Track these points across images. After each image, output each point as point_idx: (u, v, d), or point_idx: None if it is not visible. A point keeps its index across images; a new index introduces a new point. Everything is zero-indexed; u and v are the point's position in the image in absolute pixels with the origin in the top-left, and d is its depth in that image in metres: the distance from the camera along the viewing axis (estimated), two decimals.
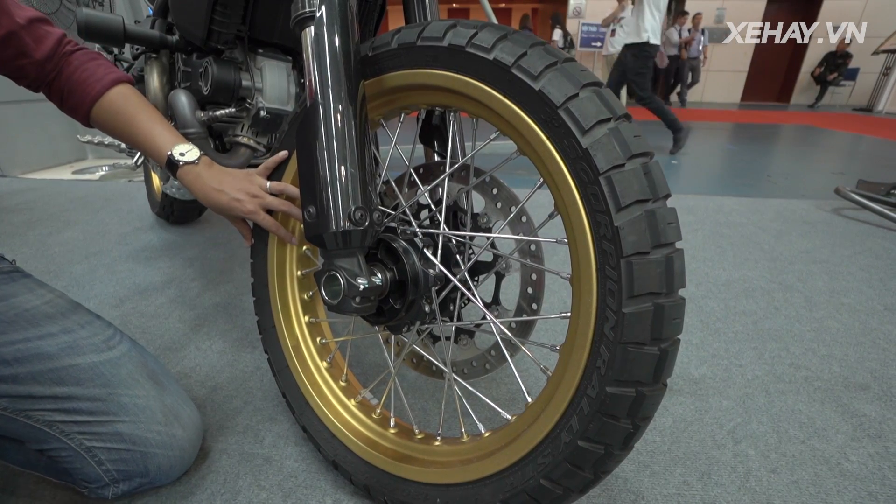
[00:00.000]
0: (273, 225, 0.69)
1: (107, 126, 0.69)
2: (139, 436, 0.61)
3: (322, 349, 0.75)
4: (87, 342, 0.61)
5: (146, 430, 0.61)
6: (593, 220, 0.43)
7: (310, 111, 0.51)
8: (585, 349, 0.44)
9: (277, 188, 0.69)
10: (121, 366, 0.63)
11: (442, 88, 0.53)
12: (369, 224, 0.50)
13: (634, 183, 0.41)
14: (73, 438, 0.59)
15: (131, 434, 0.60)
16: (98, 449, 0.59)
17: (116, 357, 0.63)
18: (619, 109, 0.43)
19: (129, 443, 0.60)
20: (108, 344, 0.64)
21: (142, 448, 0.61)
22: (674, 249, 0.41)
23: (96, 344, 0.62)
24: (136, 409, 0.61)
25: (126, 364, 0.63)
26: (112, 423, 0.60)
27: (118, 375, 0.62)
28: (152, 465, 0.62)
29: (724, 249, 1.61)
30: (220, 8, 0.78)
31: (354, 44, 0.54)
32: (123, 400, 0.61)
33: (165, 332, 1.10)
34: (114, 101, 0.67)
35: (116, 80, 0.68)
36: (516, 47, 0.46)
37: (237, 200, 0.66)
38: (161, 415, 0.63)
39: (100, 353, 0.62)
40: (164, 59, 1.01)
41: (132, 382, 0.62)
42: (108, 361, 0.62)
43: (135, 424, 0.61)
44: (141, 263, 1.50)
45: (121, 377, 0.62)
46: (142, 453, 0.61)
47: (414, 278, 0.56)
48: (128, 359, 0.64)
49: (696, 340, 1.07)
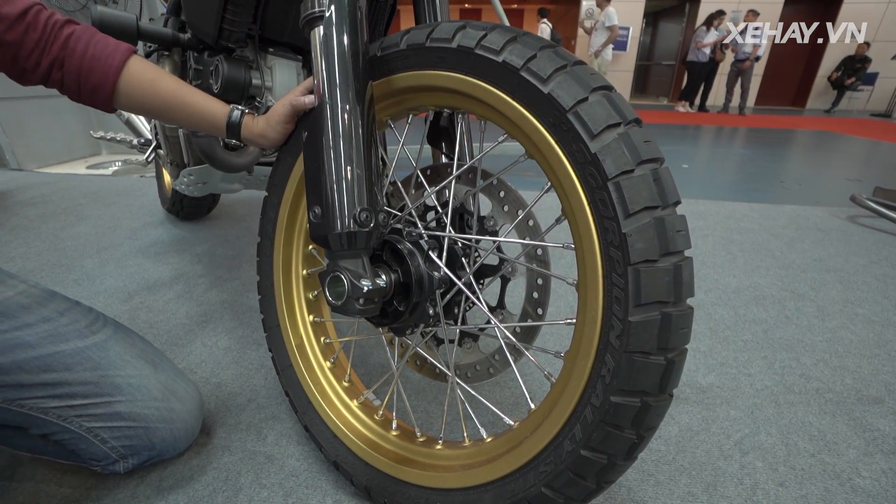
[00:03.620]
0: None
1: (135, 102, 0.63)
2: (138, 413, 0.62)
3: (326, 349, 0.75)
4: (68, 329, 0.61)
5: (144, 407, 0.62)
6: (601, 227, 0.42)
7: (317, 111, 0.50)
8: (590, 357, 0.44)
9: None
10: (108, 348, 0.63)
11: (450, 90, 0.52)
12: (374, 226, 0.49)
13: (643, 189, 0.40)
14: (72, 422, 0.59)
15: (130, 412, 0.62)
16: (99, 429, 0.61)
17: (102, 340, 0.63)
18: (629, 114, 0.43)
19: (129, 420, 0.62)
20: (92, 329, 0.64)
21: (143, 424, 0.62)
22: (682, 258, 0.40)
23: (79, 330, 0.62)
24: (131, 388, 0.62)
25: (113, 346, 0.64)
26: (109, 403, 0.61)
27: (107, 358, 0.62)
28: (156, 438, 0.64)
29: (734, 256, 1.58)
30: (232, 7, 0.78)
31: (363, 44, 0.54)
32: (117, 381, 0.61)
33: (172, 328, 1.11)
34: (136, 75, 0.61)
35: (128, 49, 0.62)
36: (526, 50, 0.46)
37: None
38: (157, 391, 0.64)
39: (84, 338, 0.62)
40: (176, 57, 1.01)
41: (122, 363, 0.63)
42: (94, 345, 0.62)
43: (132, 403, 0.62)
44: (150, 259, 1.51)
45: (110, 359, 0.62)
46: (144, 429, 0.63)
47: (418, 281, 0.55)
48: (114, 341, 0.65)
49: (704, 348, 1.05)
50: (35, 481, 0.70)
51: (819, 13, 8.78)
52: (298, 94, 0.61)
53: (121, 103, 0.63)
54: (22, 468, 0.72)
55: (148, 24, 0.91)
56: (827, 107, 9.00)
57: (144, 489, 0.69)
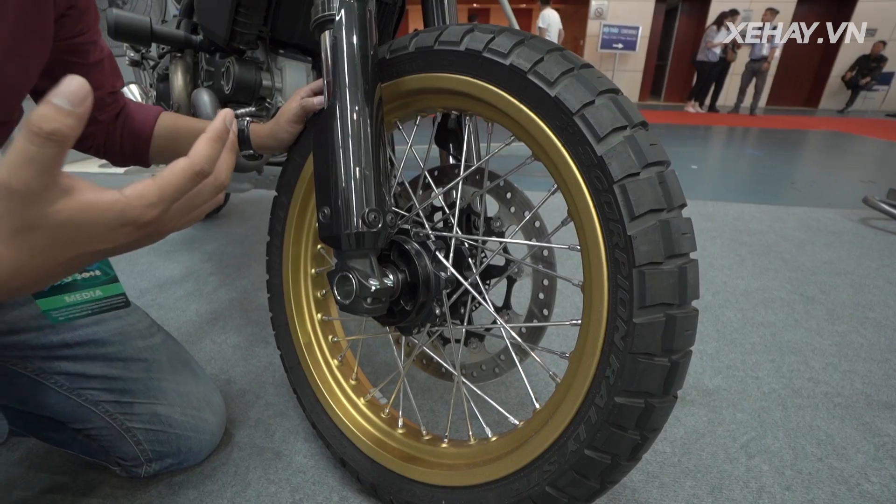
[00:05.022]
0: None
1: (166, 148, 0.72)
2: (175, 419, 0.65)
3: (333, 347, 0.76)
4: (133, 328, 0.66)
5: (181, 414, 0.65)
6: (606, 229, 0.42)
7: (326, 113, 0.51)
8: (595, 358, 0.44)
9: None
10: (160, 352, 0.67)
11: (458, 92, 0.53)
12: (382, 226, 0.50)
13: (649, 192, 0.40)
14: (116, 419, 0.63)
15: (168, 416, 0.64)
16: (137, 430, 0.64)
17: (157, 344, 0.67)
18: (635, 117, 0.43)
19: (165, 425, 0.64)
20: (150, 331, 0.68)
21: (177, 430, 0.65)
22: (688, 260, 0.41)
23: (140, 330, 0.66)
24: (175, 393, 0.65)
25: (164, 351, 0.68)
26: (151, 405, 0.64)
27: (158, 361, 0.66)
28: (184, 446, 0.66)
29: (743, 258, 1.57)
30: (243, 9, 0.80)
31: (372, 47, 0.54)
32: (163, 385, 0.65)
33: (183, 325, 1.12)
34: (165, 121, 0.71)
35: (159, 108, 0.73)
36: (533, 53, 0.46)
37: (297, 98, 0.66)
38: (195, 400, 0.67)
39: (144, 339, 0.66)
40: (189, 59, 1.03)
41: (170, 368, 0.67)
42: (149, 347, 0.66)
43: (171, 408, 0.65)
44: (161, 257, 1.53)
45: (161, 363, 0.66)
46: (176, 435, 0.65)
47: (425, 281, 0.56)
48: (165, 347, 0.68)
49: (711, 350, 1.05)
50: (51, 472, 0.72)
51: (833, 12, 8.65)
52: (305, 94, 0.63)
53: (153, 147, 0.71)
54: (39, 459, 0.74)
55: (161, 26, 0.92)
56: (840, 107, 8.87)
57: (156, 483, 0.71)
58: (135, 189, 0.30)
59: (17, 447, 0.77)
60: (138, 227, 0.31)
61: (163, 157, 0.73)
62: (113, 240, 0.30)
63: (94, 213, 0.28)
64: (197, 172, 0.31)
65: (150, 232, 0.32)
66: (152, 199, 0.30)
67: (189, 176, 0.31)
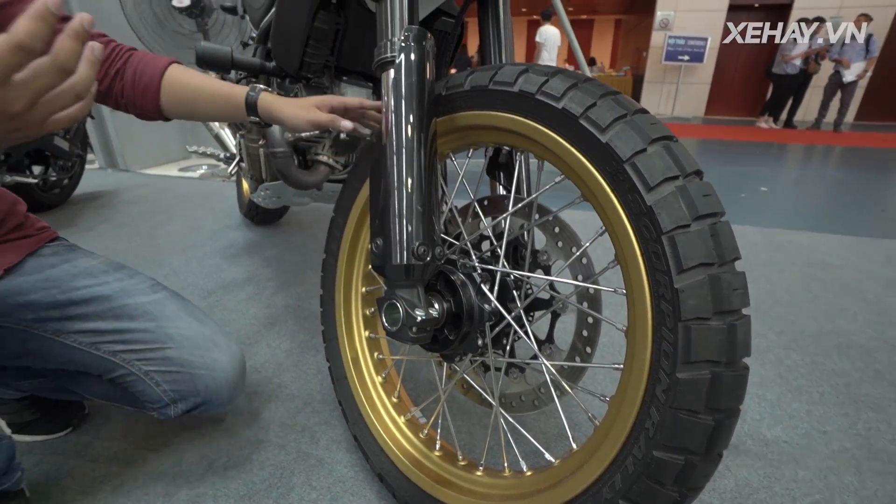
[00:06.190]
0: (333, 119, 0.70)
1: (175, 97, 0.73)
2: (185, 359, 0.71)
3: (378, 364, 0.79)
4: (135, 287, 0.75)
5: (190, 354, 0.72)
6: (653, 279, 0.42)
7: (383, 149, 0.54)
8: (635, 407, 0.43)
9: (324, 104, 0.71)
10: (165, 305, 0.75)
11: (510, 131, 0.54)
12: (431, 259, 0.52)
13: (699, 245, 0.39)
14: (134, 365, 0.71)
15: (178, 357, 0.71)
16: (154, 372, 0.71)
17: (160, 299, 0.75)
18: (688, 166, 0.42)
19: (177, 365, 0.71)
20: (153, 289, 0.77)
21: (189, 370, 0.71)
22: (738, 317, 0.39)
23: (143, 289, 0.75)
24: (181, 337, 0.72)
25: (168, 304, 0.75)
26: (162, 349, 0.71)
27: (163, 312, 0.74)
28: (200, 384, 0.72)
29: (815, 295, 1.45)
30: (313, 42, 0.86)
31: (429, 84, 0.57)
32: (169, 331, 0.72)
33: (242, 328, 1.21)
34: (175, 75, 0.73)
35: (170, 59, 0.75)
36: (586, 97, 0.47)
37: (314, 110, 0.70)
38: (202, 341, 0.74)
39: (146, 295, 0.74)
40: (262, 83, 1.12)
41: (175, 317, 0.74)
42: (153, 301, 0.74)
43: (180, 350, 0.71)
44: (227, 260, 1.66)
45: (165, 314, 0.74)
46: (189, 374, 0.71)
47: (469, 312, 0.57)
48: (169, 301, 0.76)
49: (771, 396, 0.98)
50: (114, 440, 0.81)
51: None
52: (337, 106, 0.71)
53: (164, 102, 0.73)
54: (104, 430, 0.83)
55: (240, 56, 1.01)
56: None
57: (211, 475, 0.77)
58: None
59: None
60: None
61: (180, 111, 0.75)
62: None
63: None
64: (17, 43, 0.32)
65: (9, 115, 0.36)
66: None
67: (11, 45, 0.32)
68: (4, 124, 0.37)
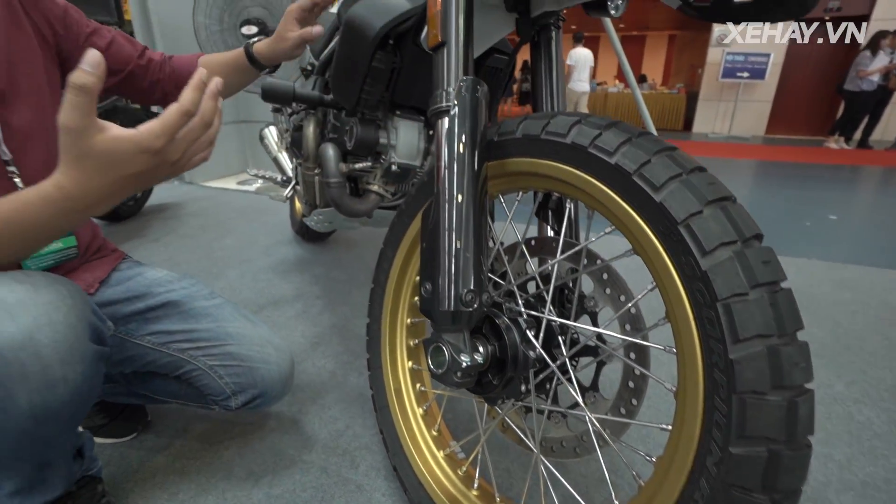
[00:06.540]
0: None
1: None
2: (244, 354, 0.80)
3: (420, 396, 0.81)
4: (198, 293, 0.85)
5: (248, 350, 0.80)
6: (706, 346, 0.41)
7: (436, 197, 0.56)
8: (683, 476, 0.42)
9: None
10: (223, 308, 0.85)
11: (562, 180, 0.55)
12: (478, 306, 0.53)
13: (757, 315, 0.38)
14: (199, 360, 0.79)
15: (238, 353, 0.80)
16: (217, 366, 0.79)
17: (219, 304, 0.86)
18: (748, 230, 0.41)
19: (238, 360, 0.79)
20: (212, 296, 0.87)
21: (248, 364, 0.79)
22: (800, 392, 0.38)
23: (204, 295, 0.86)
24: (239, 335, 0.81)
25: (225, 308, 0.85)
26: (223, 345, 0.79)
27: (222, 314, 0.83)
28: (258, 377, 0.80)
29: (893, 343, 1.33)
30: (370, 81, 0.90)
31: (482, 130, 0.59)
32: (229, 329, 0.81)
33: (290, 345, 1.26)
34: (205, 63, 0.93)
35: (199, 54, 0.95)
36: (640, 153, 0.47)
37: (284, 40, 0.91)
38: (257, 338, 0.83)
39: (207, 300, 0.85)
40: (320, 115, 1.18)
41: (232, 318, 0.84)
42: (213, 305, 0.84)
43: (239, 346, 0.80)
44: (278, 275, 1.74)
45: (224, 315, 0.83)
46: (249, 367, 0.79)
47: (514, 358, 0.58)
48: (226, 305, 0.86)
49: (839, 457, 0.90)
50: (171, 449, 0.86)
51: None
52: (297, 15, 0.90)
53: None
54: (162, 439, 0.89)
55: (301, 90, 1.08)
56: None
57: (257, 492, 0.81)
58: (145, 125, 0.44)
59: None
60: (152, 154, 0.45)
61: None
62: (137, 164, 0.45)
63: (121, 143, 0.44)
64: (185, 111, 0.46)
65: (163, 160, 0.46)
66: (156, 131, 0.45)
67: (181, 113, 0.45)
68: (164, 169, 0.48)
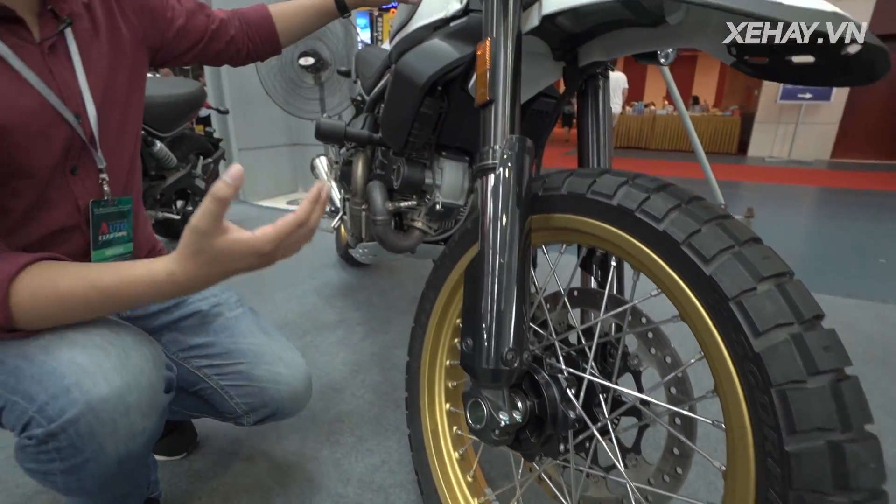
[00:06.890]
0: None
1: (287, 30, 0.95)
2: (254, 374, 0.78)
3: (457, 439, 0.80)
4: (225, 302, 0.83)
5: (258, 369, 0.78)
6: (759, 432, 0.39)
7: (480, 253, 0.57)
8: None
9: None
10: (242, 321, 0.83)
11: (607, 240, 0.54)
12: (518, 364, 0.53)
13: (817, 406, 0.36)
14: (212, 379, 0.78)
15: (248, 372, 0.77)
16: (228, 386, 0.78)
17: (240, 314, 0.83)
18: (807, 310, 0.39)
19: (247, 380, 0.77)
20: (237, 305, 0.85)
21: (257, 384, 0.77)
22: (872, 495, 0.35)
23: (230, 304, 0.84)
24: (251, 353, 0.79)
25: (245, 319, 0.83)
26: (235, 364, 0.78)
27: (239, 328, 0.81)
28: (267, 397, 0.78)
29: None
30: (418, 125, 0.94)
31: (527, 186, 0.59)
32: (242, 346, 0.79)
33: (331, 372, 1.30)
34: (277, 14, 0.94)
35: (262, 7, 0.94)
36: (689, 221, 0.46)
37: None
38: (269, 356, 0.80)
39: (231, 310, 0.83)
40: (369, 152, 1.23)
41: (248, 333, 0.81)
42: (234, 317, 0.82)
43: (250, 365, 0.78)
44: (323, 299, 1.80)
45: (241, 329, 0.81)
46: (258, 388, 0.77)
47: (552, 417, 0.57)
48: (246, 316, 0.84)
49: None
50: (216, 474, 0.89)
51: None
52: None
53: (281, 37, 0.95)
54: (208, 462, 0.93)
55: (351, 129, 1.13)
56: None
57: None
58: (262, 231, 0.51)
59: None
60: (260, 256, 0.52)
61: (288, 38, 0.97)
62: (245, 262, 0.52)
63: (238, 245, 0.50)
64: (301, 223, 0.53)
65: (267, 260, 0.54)
66: (271, 238, 0.52)
67: (296, 224, 0.53)
68: (265, 264, 0.54)
